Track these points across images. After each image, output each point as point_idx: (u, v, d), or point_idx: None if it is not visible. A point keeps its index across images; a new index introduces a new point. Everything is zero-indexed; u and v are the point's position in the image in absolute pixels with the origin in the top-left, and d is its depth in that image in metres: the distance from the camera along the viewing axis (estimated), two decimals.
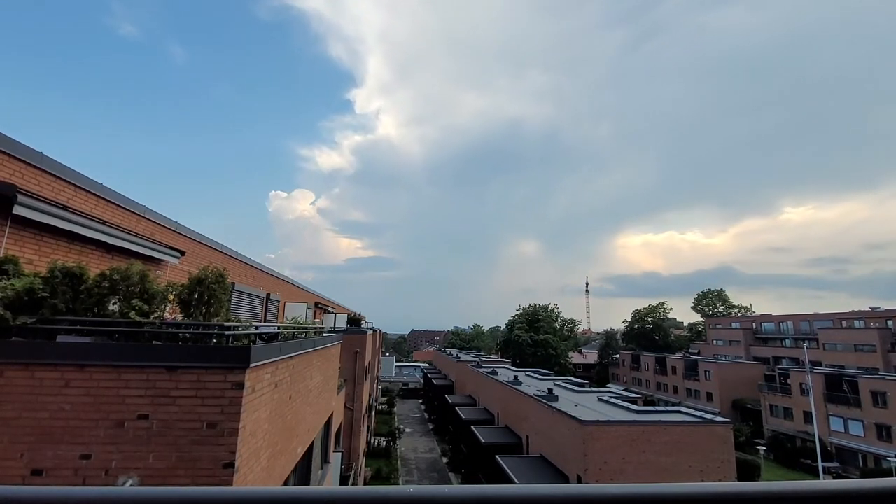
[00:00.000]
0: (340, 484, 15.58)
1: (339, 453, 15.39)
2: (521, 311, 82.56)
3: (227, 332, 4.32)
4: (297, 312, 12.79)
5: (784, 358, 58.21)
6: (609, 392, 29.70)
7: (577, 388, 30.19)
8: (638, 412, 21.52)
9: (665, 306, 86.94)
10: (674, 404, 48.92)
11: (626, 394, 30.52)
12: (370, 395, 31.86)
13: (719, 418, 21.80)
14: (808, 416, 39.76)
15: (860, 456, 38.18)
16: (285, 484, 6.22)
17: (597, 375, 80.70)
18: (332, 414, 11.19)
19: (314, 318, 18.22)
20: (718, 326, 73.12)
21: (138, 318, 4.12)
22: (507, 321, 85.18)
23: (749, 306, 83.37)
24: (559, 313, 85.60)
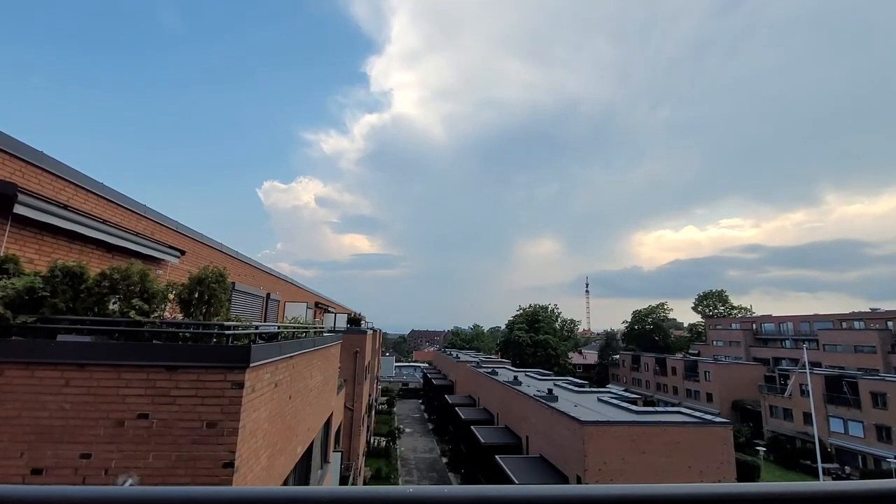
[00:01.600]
0: (340, 484, 15.58)
1: (339, 453, 15.39)
2: (521, 311, 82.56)
3: (227, 332, 4.32)
4: (297, 312, 12.79)
5: (784, 359, 58.18)
6: (609, 392, 29.68)
7: (576, 389, 30.19)
8: (638, 413, 21.50)
9: (665, 307, 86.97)
10: (674, 405, 48.91)
11: (626, 394, 30.50)
12: (370, 395, 31.86)
13: (719, 419, 21.80)
14: (807, 417, 39.75)
15: (860, 457, 38.16)
16: (285, 484, 6.22)
17: (596, 376, 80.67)
18: (331, 414, 11.19)
19: (314, 317, 18.22)
20: (718, 327, 73.06)
21: (138, 318, 4.12)
22: (507, 321, 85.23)
23: (749, 307, 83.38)
24: (559, 314, 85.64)
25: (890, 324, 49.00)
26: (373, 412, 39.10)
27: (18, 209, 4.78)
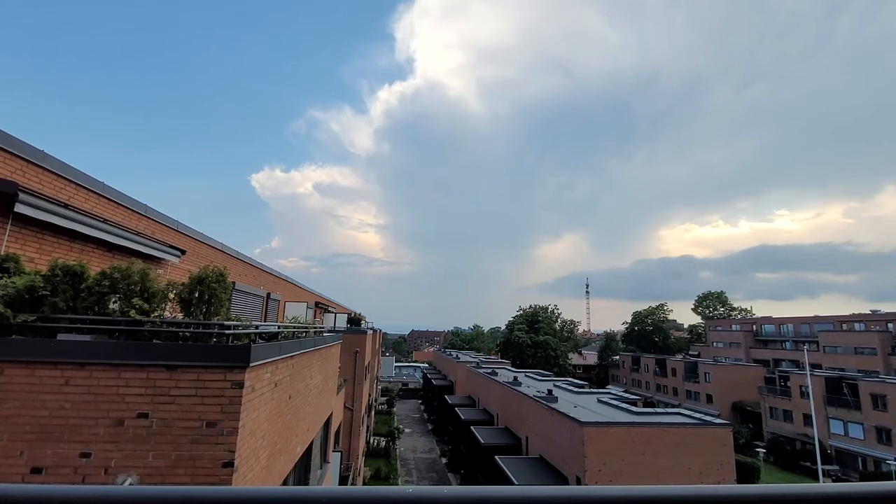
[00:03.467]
0: (339, 484, 15.58)
1: (339, 453, 15.39)
2: (521, 311, 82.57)
3: (227, 332, 4.32)
4: (297, 312, 12.79)
5: (784, 360, 58.17)
6: (608, 393, 29.65)
7: (576, 390, 30.16)
8: (637, 414, 21.48)
9: (665, 308, 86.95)
10: (673, 406, 48.87)
11: (626, 395, 30.47)
12: (370, 395, 31.86)
13: (719, 420, 21.77)
14: (807, 419, 39.73)
15: (860, 459, 38.13)
16: (284, 483, 6.22)
17: (596, 377, 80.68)
18: (331, 414, 11.19)
19: (314, 317, 18.22)
20: (718, 328, 73.02)
21: (139, 317, 4.12)
22: (507, 322, 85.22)
23: (749, 308, 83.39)
24: (559, 314, 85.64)
25: (890, 325, 48.94)
26: (372, 412, 39.10)
27: (19, 208, 4.78)
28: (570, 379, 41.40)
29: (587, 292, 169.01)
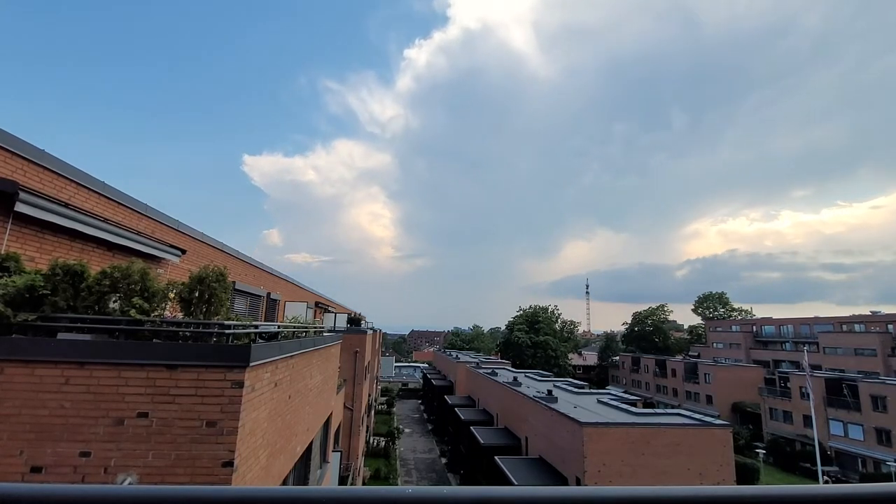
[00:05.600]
0: (339, 484, 15.58)
1: (338, 453, 15.39)
2: (522, 312, 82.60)
3: (227, 331, 4.32)
4: (297, 311, 12.79)
5: (784, 361, 58.15)
6: (608, 394, 29.64)
7: (576, 390, 30.16)
8: (637, 414, 21.48)
9: (665, 309, 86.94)
10: (673, 407, 48.89)
11: (626, 396, 30.47)
12: (370, 395, 31.87)
13: (719, 421, 21.76)
14: (807, 420, 39.71)
15: (860, 460, 38.12)
16: (284, 483, 6.22)
17: (596, 377, 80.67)
18: (331, 413, 11.19)
19: (314, 317, 18.23)
20: (719, 329, 73.03)
21: (139, 316, 4.12)
22: (507, 322, 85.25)
23: (749, 309, 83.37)
24: (559, 315, 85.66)
25: (890, 327, 48.92)
26: (372, 412, 39.10)
27: (20, 207, 4.79)
28: (570, 379, 41.41)
29: (587, 293, 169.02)
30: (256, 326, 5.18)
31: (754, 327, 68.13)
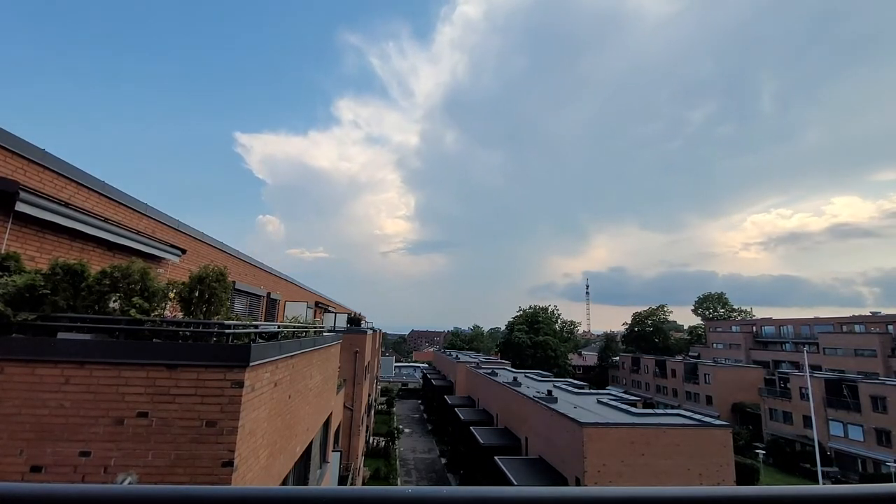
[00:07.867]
0: (339, 483, 15.58)
1: (338, 453, 15.39)
2: (522, 312, 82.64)
3: (227, 331, 4.32)
4: (297, 311, 12.80)
5: (784, 362, 58.14)
6: (608, 394, 29.65)
7: (576, 390, 30.16)
8: (637, 415, 21.48)
9: (665, 309, 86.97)
10: (673, 407, 48.87)
11: (626, 396, 30.48)
12: (370, 395, 31.87)
13: (719, 422, 21.77)
14: (807, 421, 39.71)
15: (859, 461, 38.12)
16: (284, 483, 6.22)
17: (596, 377, 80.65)
18: (331, 413, 11.19)
19: (314, 317, 18.23)
20: (719, 330, 73.02)
21: (139, 316, 4.12)
22: (507, 322, 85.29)
23: (749, 310, 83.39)
24: (559, 315, 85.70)
25: (890, 328, 48.92)
26: (372, 412, 39.09)
27: (20, 207, 4.79)
28: (570, 379, 41.40)
29: (587, 293, 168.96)
30: (256, 326, 5.18)
31: (754, 328, 68.12)
